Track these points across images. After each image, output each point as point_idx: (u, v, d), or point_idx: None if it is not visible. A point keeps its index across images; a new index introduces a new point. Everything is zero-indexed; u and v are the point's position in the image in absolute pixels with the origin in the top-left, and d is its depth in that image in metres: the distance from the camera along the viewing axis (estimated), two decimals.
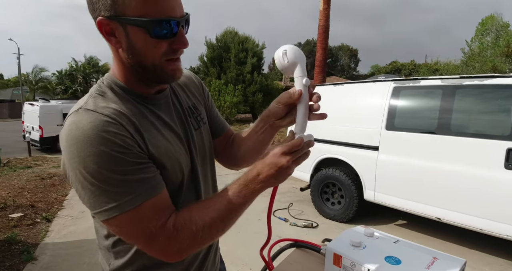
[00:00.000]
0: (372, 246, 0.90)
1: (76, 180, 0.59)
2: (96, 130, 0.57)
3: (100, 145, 0.56)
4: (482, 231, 2.94)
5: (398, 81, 3.73)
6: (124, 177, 0.58)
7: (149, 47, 0.62)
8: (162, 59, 0.64)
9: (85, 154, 0.56)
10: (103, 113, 0.60)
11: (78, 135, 0.57)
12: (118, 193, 0.58)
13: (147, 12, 0.59)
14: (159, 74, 0.66)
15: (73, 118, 0.61)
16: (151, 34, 0.60)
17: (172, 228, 0.61)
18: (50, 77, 31.17)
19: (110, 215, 0.58)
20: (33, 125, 10.74)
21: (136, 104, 0.69)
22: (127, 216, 0.59)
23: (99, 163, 0.56)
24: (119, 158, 0.58)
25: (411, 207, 3.42)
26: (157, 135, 0.69)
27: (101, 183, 0.57)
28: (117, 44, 0.63)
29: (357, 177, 3.92)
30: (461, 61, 17.85)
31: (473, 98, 3.18)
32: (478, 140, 2.99)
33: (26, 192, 5.34)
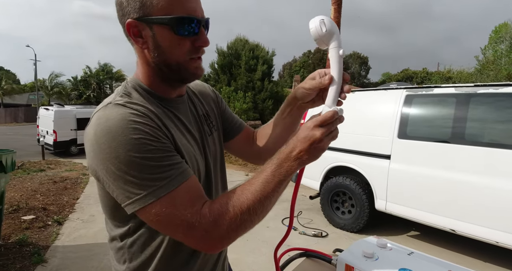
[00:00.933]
0: (385, 258, 0.88)
1: (107, 172, 0.59)
2: (126, 121, 0.59)
3: (130, 134, 0.58)
4: (498, 244, 2.84)
5: (411, 89, 3.68)
6: (156, 163, 0.59)
7: (174, 45, 0.65)
8: (186, 57, 0.67)
9: (116, 143, 0.57)
10: (132, 108, 0.62)
11: (109, 126, 0.58)
12: (151, 179, 0.58)
13: (172, 11, 0.63)
14: (183, 73, 0.69)
15: (102, 112, 0.62)
16: (175, 31, 0.64)
17: (208, 214, 0.60)
18: (65, 83, 31.93)
19: (145, 202, 0.58)
20: (48, 129, 10.97)
21: (159, 105, 0.71)
22: (162, 203, 0.58)
23: (131, 151, 0.57)
24: (150, 145, 0.59)
25: (424, 218, 3.33)
26: (180, 135, 0.71)
27: (134, 171, 0.57)
28: (143, 44, 0.67)
29: (368, 186, 3.85)
30: (475, 69, 17.55)
31: (488, 107, 3.11)
32: (493, 150, 2.91)
33: (38, 194, 5.43)
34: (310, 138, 0.62)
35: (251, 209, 0.61)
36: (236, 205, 0.61)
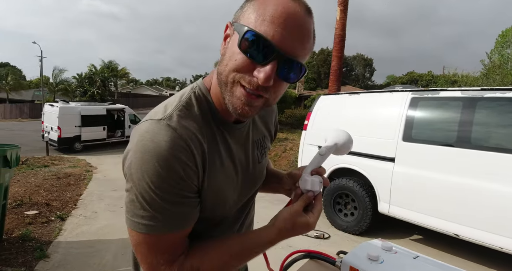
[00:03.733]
0: (391, 261, 0.87)
1: (128, 179, 0.59)
2: (167, 153, 0.55)
3: (163, 168, 0.55)
4: (502, 249, 2.82)
5: (416, 92, 3.66)
6: (166, 206, 0.57)
7: (231, 56, 0.56)
8: (235, 75, 0.56)
9: (146, 167, 0.55)
10: (182, 136, 0.58)
11: (150, 148, 0.55)
12: (151, 215, 0.57)
13: (255, 22, 0.53)
14: (226, 94, 0.59)
15: (152, 127, 0.58)
16: (239, 43, 0.54)
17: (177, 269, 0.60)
18: (70, 80, 32.13)
19: (134, 227, 0.58)
20: (52, 125, 11.04)
21: (214, 128, 0.67)
22: (145, 238, 0.58)
23: (152, 183, 0.55)
24: (173, 188, 0.57)
25: (427, 221, 3.31)
26: (218, 167, 0.67)
27: (143, 199, 0.56)
28: (222, 50, 0.60)
29: (372, 189, 3.83)
30: (481, 73, 17.43)
31: (495, 111, 3.09)
32: (499, 154, 2.89)
33: (42, 190, 5.47)
34: (296, 227, 0.66)
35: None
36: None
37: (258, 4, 0.55)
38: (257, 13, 0.54)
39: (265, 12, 0.53)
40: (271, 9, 0.53)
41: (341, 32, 9.26)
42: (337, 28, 9.29)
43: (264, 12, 0.53)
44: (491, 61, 17.91)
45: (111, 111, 13.27)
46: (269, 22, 0.52)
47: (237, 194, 0.76)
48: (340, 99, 4.48)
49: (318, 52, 38.67)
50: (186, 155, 0.57)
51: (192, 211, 0.62)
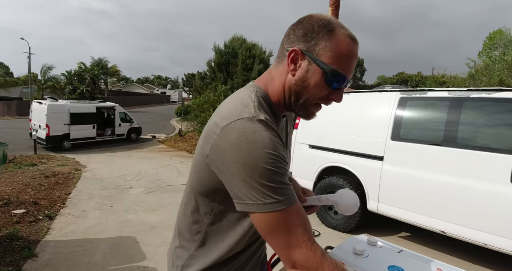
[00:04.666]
0: (375, 255, 0.90)
1: (236, 173, 0.65)
2: (270, 139, 0.66)
3: (272, 151, 0.65)
4: (486, 246, 2.90)
5: (405, 92, 3.72)
6: (281, 180, 0.65)
7: (317, 87, 0.74)
8: (316, 101, 0.77)
9: (257, 154, 0.64)
10: (272, 126, 0.69)
11: (255, 138, 0.65)
12: (278, 192, 0.64)
13: (335, 63, 0.71)
14: (302, 108, 0.79)
15: (248, 124, 0.67)
16: (326, 80, 0.72)
17: (319, 256, 0.64)
18: (59, 77, 31.52)
19: (269, 208, 0.64)
20: (40, 123, 10.84)
21: (273, 118, 0.78)
22: (282, 214, 0.65)
23: (268, 165, 0.64)
24: (283, 165, 0.66)
25: (414, 219, 3.38)
26: None
27: (265, 181, 0.63)
28: (292, 71, 0.75)
29: (361, 187, 3.89)
30: (468, 74, 17.76)
31: (480, 111, 3.16)
32: (484, 154, 2.96)
33: (30, 189, 5.38)
34: None
35: None
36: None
37: (333, 44, 0.71)
38: (334, 53, 0.71)
39: (340, 52, 0.71)
40: (345, 51, 0.72)
41: None
42: None
43: (339, 52, 0.71)
44: (476, 64, 18.27)
45: (101, 109, 13.09)
46: (345, 61, 0.72)
47: None
48: None
49: None
50: (279, 140, 0.69)
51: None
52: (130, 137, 13.58)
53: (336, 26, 0.72)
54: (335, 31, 0.72)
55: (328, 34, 0.71)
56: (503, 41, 18.47)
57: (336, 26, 0.72)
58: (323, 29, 0.72)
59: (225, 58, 14.55)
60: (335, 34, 0.72)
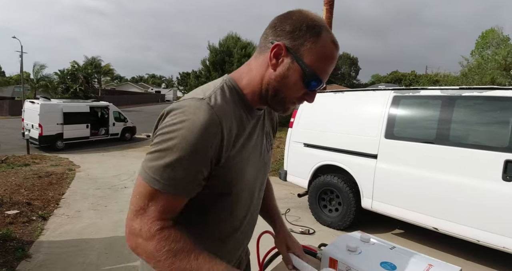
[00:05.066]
0: (368, 252, 0.91)
1: (161, 139, 0.67)
2: (203, 126, 0.66)
3: (194, 137, 0.65)
4: (479, 242, 2.94)
5: (398, 90, 3.75)
6: (181, 169, 0.66)
7: (294, 86, 0.75)
8: (292, 99, 0.78)
9: (184, 133, 0.65)
10: (217, 114, 0.69)
11: (191, 118, 0.66)
12: (170, 176, 0.65)
13: (316, 66, 0.73)
14: (278, 104, 0.79)
15: (194, 102, 0.69)
16: (304, 80, 0.74)
17: (154, 230, 0.65)
18: (51, 76, 31.16)
19: (141, 173, 0.68)
20: (33, 123, 10.72)
21: (243, 112, 0.79)
22: (146, 188, 0.67)
23: (185, 146, 0.65)
24: (196, 154, 0.66)
25: (408, 216, 3.41)
26: (244, 145, 0.79)
27: (169, 156, 0.65)
28: (274, 66, 0.75)
29: (355, 185, 3.92)
30: (461, 73, 17.95)
31: (472, 109, 3.20)
32: (476, 151, 3.00)
33: (23, 189, 5.33)
34: None
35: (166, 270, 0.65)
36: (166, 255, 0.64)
37: (317, 47, 0.72)
38: (316, 56, 0.73)
39: (323, 56, 0.73)
40: (327, 56, 0.74)
41: None
42: None
43: (321, 55, 0.73)
44: (469, 63, 18.47)
45: (95, 109, 12.99)
46: (324, 65, 0.74)
47: (254, 174, 0.86)
48: (325, 97, 4.54)
49: None
50: (216, 131, 0.68)
51: (194, 183, 0.70)
52: (124, 137, 13.48)
53: (323, 29, 0.73)
54: (322, 34, 0.73)
55: (314, 37, 0.72)
56: (495, 40, 18.71)
57: (323, 29, 0.73)
58: (311, 30, 0.72)
59: (220, 56, 14.53)
60: (321, 37, 0.72)
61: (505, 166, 2.80)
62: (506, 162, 2.80)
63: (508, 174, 2.78)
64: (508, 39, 18.54)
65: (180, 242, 0.65)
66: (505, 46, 17.52)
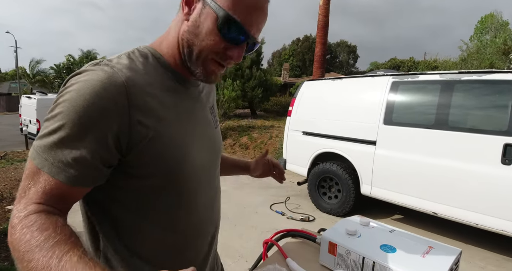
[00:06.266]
0: (368, 235, 0.90)
1: (51, 108, 0.56)
2: (98, 86, 0.54)
3: (87, 101, 0.53)
4: (478, 225, 2.96)
5: (397, 76, 3.72)
6: (72, 143, 0.53)
7: (208, 35, 0.61)
8: (210, 54, 0.63)
9: (67, 96, 0.54)
10: (118, 71, 0.57)
11: (81, 80, 0.55)
12: (50, 149, 0.53)
13: (233, 9, 0.60)
14: (197, 64, 0.65)
15: (89, 67, 0.58)
16: (219, 27, 0.60)
17: (23, 214, 0.51)
18: (47, 71, 30.91)
19: (30, 156, 0.55)
20: (31, 118, 10.66)
21: (167, 79, 0.66)
22: (32, 168, 0.54)
23: (71, 116, 0.53)
24: (88, 125, 0.53)
25: (407, 201, 3.43)
26: (172, 118, 0.65)
27: (52, 125, 0.53)
28: (186, 15, 0.63)
29: (354, 172, 3.92)
30: (460, 58, 17.84)
31: (471, 93, 3.18)
32: (475, 135, 3.00)
33: None
34: None
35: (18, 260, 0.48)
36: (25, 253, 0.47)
37: None
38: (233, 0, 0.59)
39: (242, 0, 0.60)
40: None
41: (324, 18, 9.23)
42: (321, 13, 9.25)
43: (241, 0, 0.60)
44: (468, 47, 18.34)
45: None
46: (245, 11, 0.60)
47: (204, 152, 0.74)
48: (323, 85, 4.50)
49: (302, 39, 38.52)
50: (119, 91, 0.56)
51: (88, 168, 0.55)
52: None
53: None
54: None
55: None
56: (494, 25, 18.54)
57: None
58: None
59: None
60: None
61: (504, 149, 2.80)
62: (505, 145, 2.80)
63: (507, 157, 2.78)
64: (508, 23, 18.36)
65: (46, 232, 0.48)
66: (504, 31, 17.37)
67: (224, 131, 10.41)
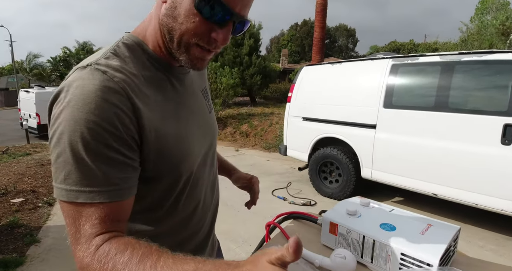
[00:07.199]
0: (368, 215, 0.91)
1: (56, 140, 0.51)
2: (96, 96, 0.50)
3: (92, 113, 0.49)
4: (477, 206, 2.99)
5: (397, 59, 3.68)
6: (95, 162, 0.50)
7: (187, 16, 0.55)
8: (192, 39, 0.57)
9: (73, 117, 0.49)
10: (113, 78, 0.53)
11: (76, 95, 0.50)
12: (78, 176, 0.50)
13: None
14: (181, 51, 0.59)
15: (77, 74, 0.53)
16: (196, 5, 0.54)
17: (92, 251, 0.49)
18: (44, 64, 30.67)
19: (57, 195, 0.51)
20: (30, 112, 10.66)
21: (157, 72, 0.63)
22: (71, 208, 0.50)
23: (80, 134, 0.49)
24: (103, 136, 0.50)
25: (407, 183, 3.46)
26: (170, 113, 0.63)
27: (70, 155, 0.49)
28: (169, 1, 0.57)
29: (355, 156, 3.94)
30: (460, 40, 17.59)
31: (471, 74, 3.15)
32: (475, 116, 2.99)
33: (26, 178, 5.37)
34: None
35: None
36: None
37: None
38: None
39: None
40: None
41: (322, 1, 9.07)
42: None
43: None
44: (468, 28, 18.05)
45: None
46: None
47: (200, 143, 0.73)
48: (322, 69, 4.47)
49: (301, 24, 37.97)
50: (119, 98, 0.52)
51: (129, 178, 0.54)
52: None
53: None
54: None
55: None
56: (495, 5, 18.17)
57: None
58: None
59: None
60: None
61: (504, 130, 2.80)
62: (505, 126, 2.79)
63: (507, 138, 2.78)
64: (508, 3, 17.98)
65: (126, 252, 0.47)
66: (504, 11, 17.04)
67: (224, 120, 10.40)
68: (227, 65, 12.55)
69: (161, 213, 0.68)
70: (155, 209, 0.67)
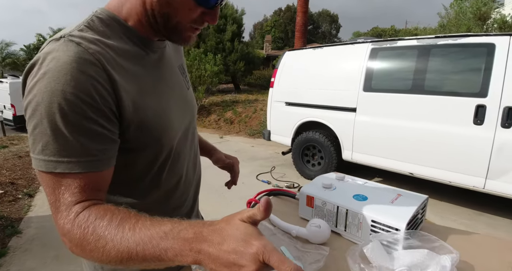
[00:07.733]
0: (342, 188, 0.96)
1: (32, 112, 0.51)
2: (72, 67, 0.50)
3: (68, 85, 0.49)
4: (451, 183, 3.15)
5: (376, 43, 3.73)
6: (73, 133, 0.50)
7: (185, 6, 0.58)
8: (188, 23, 0.61)
9: (49, 89, 0.49)
10: (88, 49, 0.52)
11: (51, 67, 0.50)
12: (56, 147, 0.50)
13: None
14: (175, 34, 0.63)
15: (51, 46, 0.52)
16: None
17: (72, 218, 0.50)
18: (18, 53, 29.20)
19: (36, 165, 0.51)
20: (5, 103, 10.22)
21: (134, 46, 0.63)
22: (50, 177, 0.51)
23: (57, 105, 0.49)
24: (80, 107, 0.50)
25: (386, 164, 3.59)
26: (149, 87, 0.64)
27: (48, 126, 0.50)
28: None
29: (336, 139, 4.03)
30: (439, 25, 17.89)
31: (447, 58, 3.24)
32: (450, 98, 3.10)
33: (4, 170, 5.21)
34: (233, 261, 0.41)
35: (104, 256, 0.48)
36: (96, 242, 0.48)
37: None
38: None
39: None
40: None
41: None
42: None
43: None
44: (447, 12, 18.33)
45: None
46: None
47: (179, 120, 0.73)
48: (305, 54, 4.48)
49: (284, 10, 37.53)
50: (95, 70, 0.52)
51: (108, 149, 0.55)
52: None
53: None
54: None
55: None
56: None
57: None
58: None
59: None
60: None
61: (476, 110, 2.92)
62: (477, 107, 2.92)
63: (478, 118, 2.91)
64: None
65: (106, 217, 0.49)
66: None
67: (208, 107, 10.31)
68: (210, 51, 12.34)
69: (145, 186, 0.69)
70: (138, 182, 0.68)
